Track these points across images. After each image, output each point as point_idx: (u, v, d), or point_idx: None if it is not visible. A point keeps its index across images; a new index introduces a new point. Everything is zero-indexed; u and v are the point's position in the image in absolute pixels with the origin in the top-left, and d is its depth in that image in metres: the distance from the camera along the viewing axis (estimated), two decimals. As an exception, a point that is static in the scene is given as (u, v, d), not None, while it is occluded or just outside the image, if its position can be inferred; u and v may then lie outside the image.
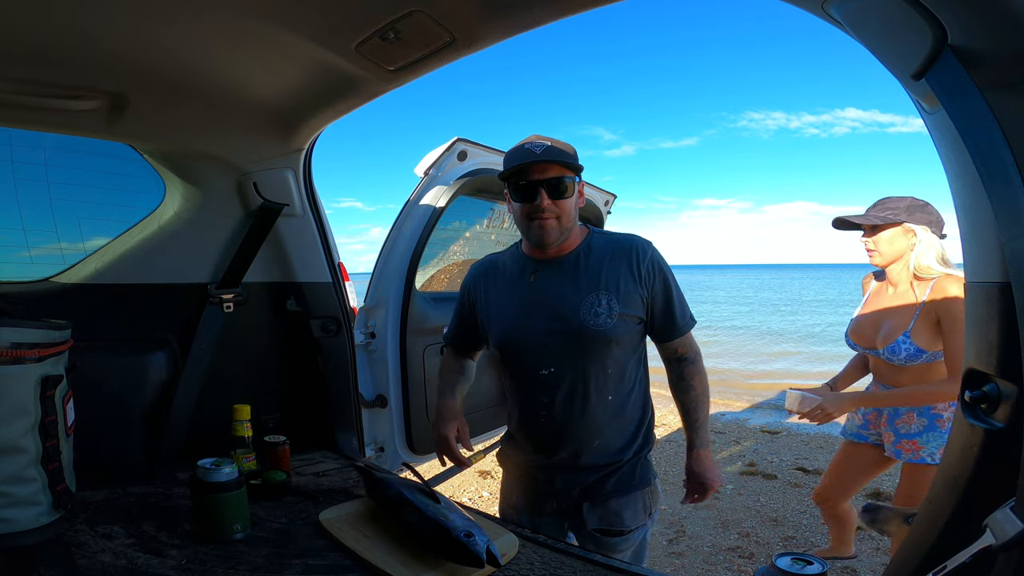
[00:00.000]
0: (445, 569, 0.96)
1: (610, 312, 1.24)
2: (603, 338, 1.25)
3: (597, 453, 1.30)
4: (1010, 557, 0.59)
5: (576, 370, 1.27)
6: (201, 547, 1.07)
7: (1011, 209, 0.60)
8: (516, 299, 1.32)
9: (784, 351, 11.27)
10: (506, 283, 1.35)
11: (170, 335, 1.63)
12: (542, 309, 1.28)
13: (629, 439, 1.32)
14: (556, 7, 0.99)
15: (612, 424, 1.30)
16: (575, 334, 1.25)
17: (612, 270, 1.27)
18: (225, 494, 1.08)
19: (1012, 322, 0.62)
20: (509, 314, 1.33)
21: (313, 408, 1.82)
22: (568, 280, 1.28)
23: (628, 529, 1.31)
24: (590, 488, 1.31)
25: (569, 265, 1.29)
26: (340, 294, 1.84)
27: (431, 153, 2.19)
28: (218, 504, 1.08)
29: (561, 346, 1.26)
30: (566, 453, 1.30)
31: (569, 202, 1.24)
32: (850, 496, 2.30)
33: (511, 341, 1.32)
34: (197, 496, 1.09)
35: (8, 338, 1.05)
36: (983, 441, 0.69)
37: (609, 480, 1.31)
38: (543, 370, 1.28)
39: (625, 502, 1.32)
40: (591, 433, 1.29)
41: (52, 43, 1.06)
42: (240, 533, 1.09)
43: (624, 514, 1.31)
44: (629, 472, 1.32)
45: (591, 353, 1.26)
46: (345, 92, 1.34)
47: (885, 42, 0.74)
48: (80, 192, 1.61)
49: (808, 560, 0.74)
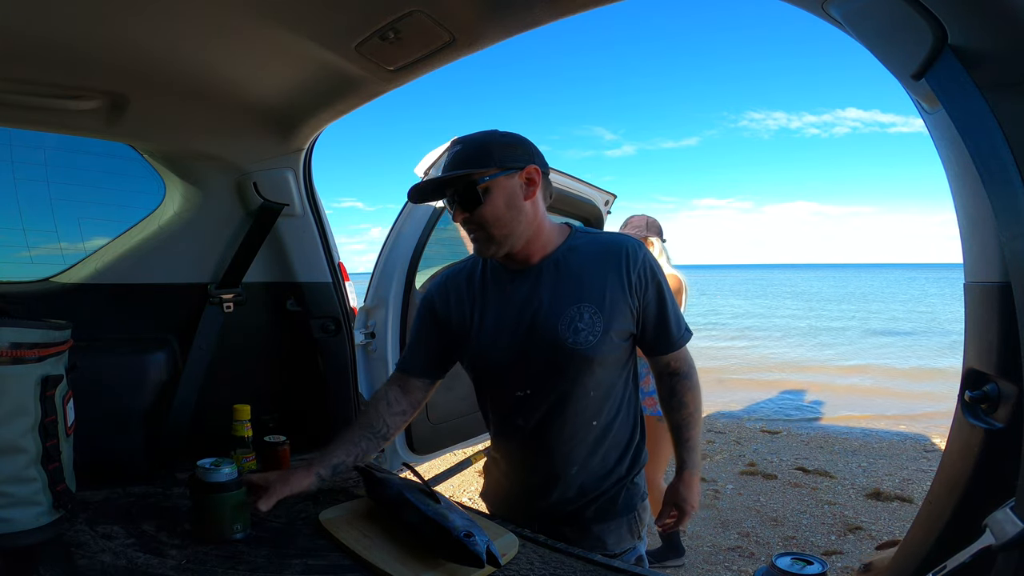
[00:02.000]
0: (445, 569, 0.96)
1: (592, 328, 1.08)
2: (584, 358, 1.09)
3: (576, 481, 1.17)
4: (1010, 557, 0.59)
5: (555, 393, 1.12)
6: (201, 547, 1.07)
7: (1011, 209, 0.60)
8: (489, 314, 1.17)
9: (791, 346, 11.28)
10: (477, 296, 1.19)
11: (170, 335, 1.63)
12: (516, 324, 1.13)
13: (613, 465, 1.19)
14: (556, 7, 0.99)
15: (596, 451, 1.17)
16: (551, 353, 1.09)
17: (596, 277, 1.11)
18: (225, 494, 1.07)
19: (1012, 322, 0.62)
20: (481, 331, 1.17)
21: (313, 408, 1.82)
22: (545, 290, 1.12)
23: (613, 554, 1.19)
24: (570, 515, 1.20)
25: (546, 272, 1.13)
26: (340, 294, 1.84)
27: (431, 153, 2.19)
28: (218, 504, 1.07)
29: (538, 366, 1.11)
30: (540, 479, 1.19)
31: (489, 208, 1.06)
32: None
33: (484, 360, 1.18)
34: (196, 496, 1.09)
35: (8, 338, 1.04)
36: (983, 441, 0.69)
37: (590, 508, 1.19)
38: (519, 391, 1.14)
39: (606, 528, 1.20)
40: (569, 461, 1.16)
41: (52, 43, 1.06)
42: (240, 533, 1.09)
43: (608, 540, 1.20)
44: (611, 499, 1.20)
45: (571, 374, 1.10)
46: (345, 92, 1.34)
47: (885, 42, 0.74)
48: (80, 192, 1.61)
49: (808, 560, 0.74)
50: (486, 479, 1.40)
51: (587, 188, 2.96)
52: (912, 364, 9.26)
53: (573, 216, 3.02)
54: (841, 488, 3.58)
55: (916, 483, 3.60)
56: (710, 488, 3.61)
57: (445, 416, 2.37)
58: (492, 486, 1.36)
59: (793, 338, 13.09)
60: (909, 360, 9.67)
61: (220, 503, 1.07)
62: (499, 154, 1.07)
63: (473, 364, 1.22)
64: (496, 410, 1.24)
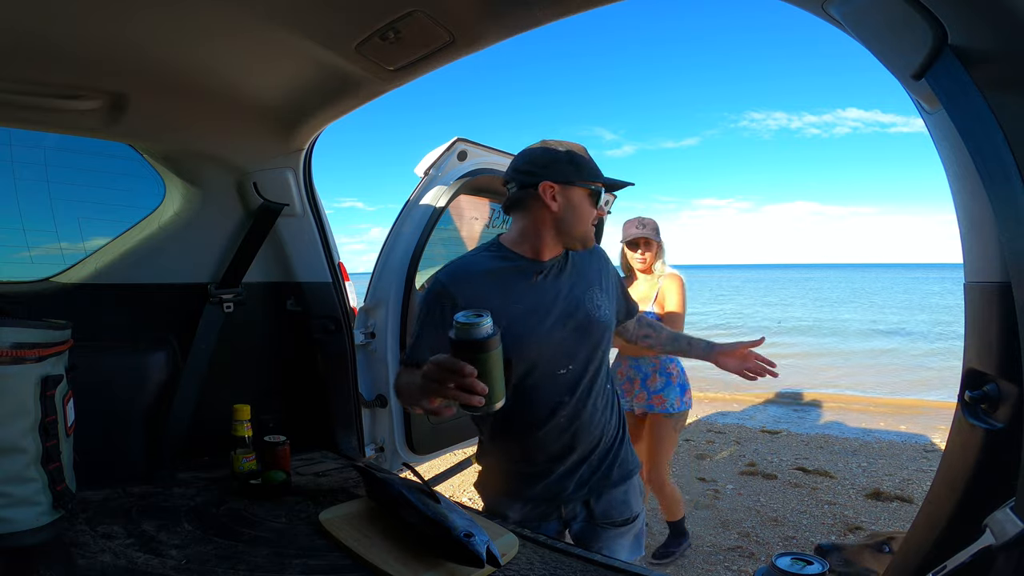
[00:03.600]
0: (445, 569, 0.96)
1: (608, 303, 1.34)
2: (607, 328, 1.32)
3: (601, 443, 1.33)
4: (1010, 557, 0.59)
5: (587, 364, 1.29)
6: (201, 547, 1.07)
7: (1011, 209, 0.60)
8: (526, 303, 1.25)
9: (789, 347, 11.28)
10: (506, 287, 1.25)
11: (170, 335, 1.63)
12: (555, 309, 1.26)
13: (619, 423, 1.39)
14: (556, 7, 0.99)
15: (608, 411, 1.35)
16: (586, 328, 1.28)
17: (593, 268, 1.36)
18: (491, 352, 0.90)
19: (1012, 322, 0.62)
20: (523, 319, 1.23)
21: (313, 408, 1.82)
22: (566, 279, 1.31)
23: (635, 515, 1.37)
24: (596, 483, 1.32)
25: (563, 265, 1.33)
26: (340, 294, 1.84)
27: (431, 153, 2.19)
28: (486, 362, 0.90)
29: (575, 342, 1.28)
30: (582, 450, 1.30)
31: None
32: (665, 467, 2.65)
33: (528, 347, 1.23)
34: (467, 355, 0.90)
35: (8, 338, 1.04)
36: (983, 441, 0.69)
37: (613, 468, 1.34)
38: (561, 369, 1.26)
39: (628, 488, 1.37)
40: (601, 424, 1.32)
41: (52, 43, 1.06)
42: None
43: (631, 500, 1.36)
44: (625, 456, 1.38)
45: (597, 344, 1.31)
46: (345, 92, 1.34)
47: (885, 42, 0.74)
48: (80, 192, 1.61)
49: (808, 560, 0.74)
50: (488, 479, 1.39)
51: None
52: (912, 363, 9.26)
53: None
54: (841, 488, 3.58)
55: (916, 483, 3.60)
56: (710, 488, 3.61)
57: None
58: (504, 497, 1.34)
59: (795, 337, 13.09)
60: (910, 360, 9.66)
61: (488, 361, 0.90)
62: None
63: (511, 353, 1.15)
64: (537, 397, 1.25)
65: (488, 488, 1.40)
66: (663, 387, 2.53)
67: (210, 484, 1.42)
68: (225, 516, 1.23)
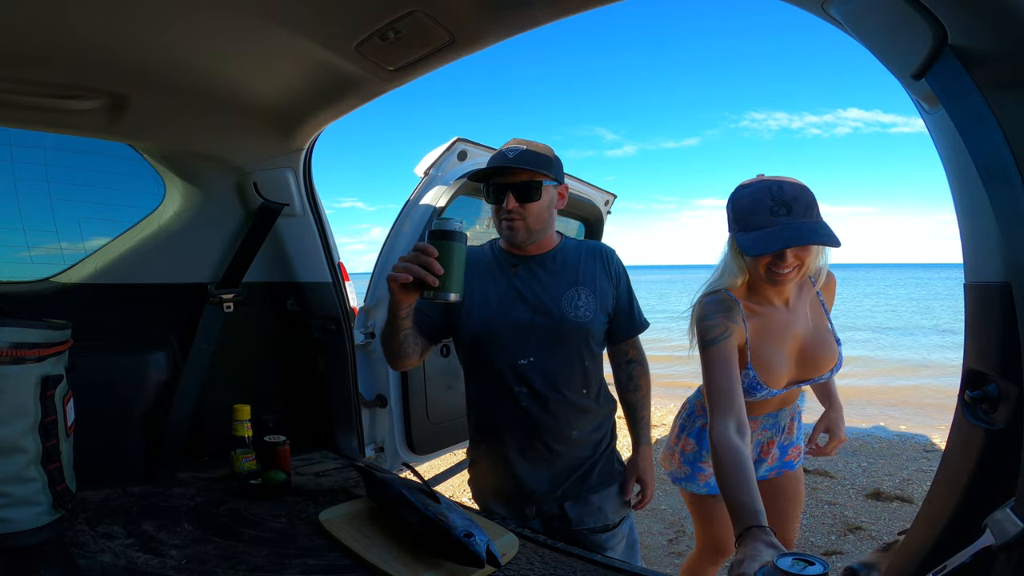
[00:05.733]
0: (445, 569, 0.96)
1: (588, 305, 1.32)
2: (583, 330, 1.31)
3: (575, 445, 1.33)
4: (1010, 557, 0.59)
5: (555, 360, 1.30)
6: (201, 547, 1.07)
7: (1011, 209, 0.60)
8: (496, 290, 1.33)
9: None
10: (484, 274, 1.36)
11: (170, 335, 1.63)
12: (524, 300, 1.31)
13: (604, 432, 1.39)
14: (556, 7, 0.99)
15: (587, 417, 1.34)
16: (556, 325, 1.29)
17: (588, 268, 1.36)
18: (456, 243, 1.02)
19: (1012, 322, 0.61)
20: (488, 304, 1.32)
21: (313, 408, 1.82)
22: (545, 275, 1.34)
23: (612, 524, 1.36)
24: (571, 486, 1.33)
25: (548, 262, 1.35)
26: (340, 294, 1.84)
27: (431, 153, 2.19)
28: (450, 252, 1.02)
29: (542, 337, 1.30)
30: (544, 445, 1.31)
31: (537, 205, 1.28)
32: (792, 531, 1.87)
33: (489, 331, 1.32)
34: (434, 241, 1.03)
35: (8, 338, 1.05)
36: (983, 441, 0.68)
37: (590, 475, 1.35)
38: (522, 359, 1.29)
39: (605, 496, 1.36)
40: (569, 424, 1.32)
41: (52, 43, 1.06)
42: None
43: (606, 509, 1.35)
44: (607, 465, 1.38)
45: (570, 345, 1.31)
46: (345, 92, 1.34)
47: (885, 42, 0.74)
48: (80, 192, 1.61)
49: (809, 560, 0.74)
50: (477, 485, 1.44)
51: (588, 188, 2.96)
52: (912, 364, 9.26)
53: (574, 216, 3.02)
54: (841, 488, 3.58)
55: (916, 483, 3.60)
56: (710, 488, 3.61)
57: (445, 416, 2.37)
58: (488, 482, 1.40)
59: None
60: (909, 359, 9.66)
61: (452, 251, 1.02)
62: (556, 166, 1.31)
63: (478, 335, 1.33)
64: (497, 382, 1.32)
65: (475, 482, 1.46)
66: (798, 431, 1.72)
67: (210, 484, 1.42)
68: (225, 516, 1.23)
